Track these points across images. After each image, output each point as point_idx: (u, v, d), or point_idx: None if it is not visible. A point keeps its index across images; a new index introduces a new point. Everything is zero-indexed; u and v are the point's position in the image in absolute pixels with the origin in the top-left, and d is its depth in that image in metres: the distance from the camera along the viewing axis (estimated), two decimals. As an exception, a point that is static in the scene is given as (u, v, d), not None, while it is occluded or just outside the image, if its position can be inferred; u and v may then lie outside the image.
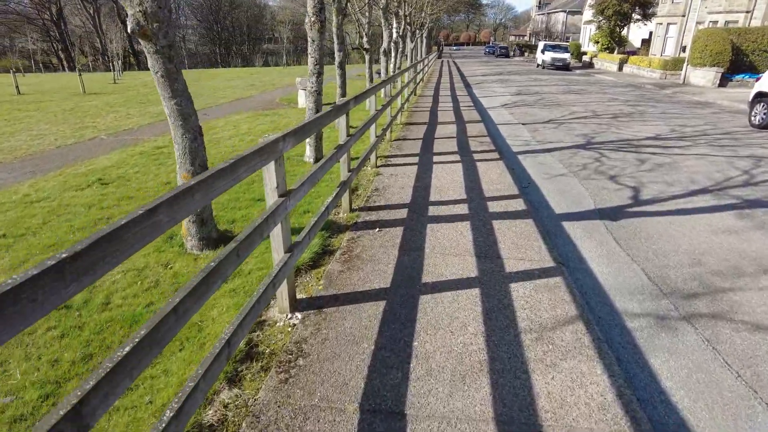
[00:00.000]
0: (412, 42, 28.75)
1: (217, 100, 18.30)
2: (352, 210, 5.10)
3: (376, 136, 6.85)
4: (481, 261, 3.96)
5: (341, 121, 4.65)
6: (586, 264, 4.16)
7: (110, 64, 42.30)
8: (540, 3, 74.91)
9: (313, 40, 6.67)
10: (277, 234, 2.86)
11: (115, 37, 45.55)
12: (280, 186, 2.81)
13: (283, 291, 3.04)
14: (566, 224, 5.08)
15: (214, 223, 4.23)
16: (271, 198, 2.80)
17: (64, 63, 62.74)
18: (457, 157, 7.70)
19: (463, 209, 5.23)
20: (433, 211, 5.17)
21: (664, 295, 3.65)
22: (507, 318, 3.14)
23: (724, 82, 20.88)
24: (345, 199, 4.99)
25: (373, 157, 6.90)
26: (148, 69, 3.35)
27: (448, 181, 6.33)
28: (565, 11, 60.44)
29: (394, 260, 3.94)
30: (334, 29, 9.56)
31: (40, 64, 56.82)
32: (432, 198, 5.60)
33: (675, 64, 25.04)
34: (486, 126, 10.83)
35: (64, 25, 66.08)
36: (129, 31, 3.30)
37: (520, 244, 4.33)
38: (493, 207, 5.33)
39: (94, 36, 65.74)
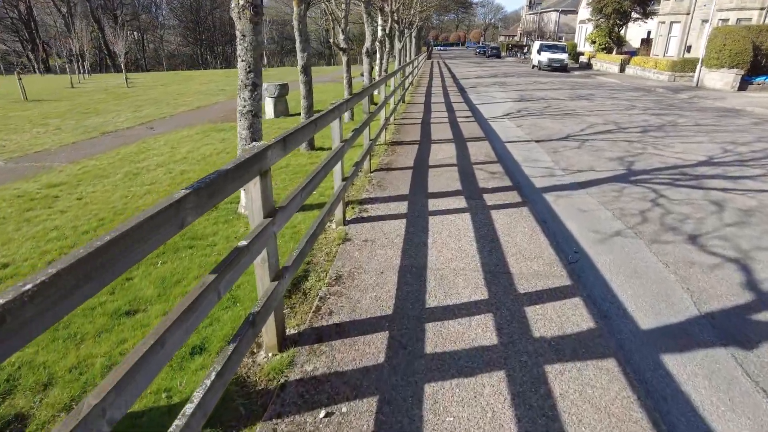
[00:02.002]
0: (400, 42, 26.49)
1: (175, 108, 15.85)
2: (283, 344, 2.78)
3: (343, 179, 4.55)
4: None
5: (252, 191, 2.34)
6: None
7: (78, 65, 39.51)
8: (531, 2, 73.23)
9: (244, 35, 4.36)
10: None
11: (88, 36, 42.73)
12: None
13: None
14: (671, 362, 2.82)
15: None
16: None
17: (34, 64, 59.35)
18: (463, 201, 5.43)
19: (486, 330, 2.95)
20: (433, 337, 2.88)
21: None
22: None
23: (743, 85, 18.95)
24: (270, 326, 2.68)
25: (338, 210, 4.60)
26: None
27: (454, 252, 4.06)
28: (557, 10, 58.74)
29: None
30: (295, 23, 7.29)
31: (0, 66, 53.54)
32: (430, 299, 3.32)
33: (685, 66, 23.11)
34: (492, 146, 8.59)
35: (34, 25, 62.72)
36: None
37: (619, 454, 2.06)
38: (538, 322, 3.06)
39: (67, 36, 62.34)
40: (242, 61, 4.43)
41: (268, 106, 12.83)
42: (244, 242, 2.13)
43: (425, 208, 5.20)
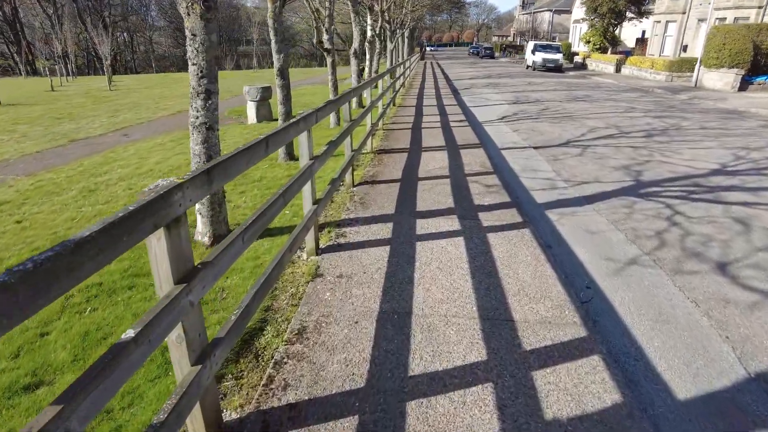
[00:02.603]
0: (392, 42, 25.85)
1: (155, 112, 15.11)
2: (218, 441, 2.10)
3: (315, 203, 3.88)
4: None
5: (155, 249, 1.67)
6: None
7: (63, 67, 38.64)
8: (524, 2, 72.89)
9: (194, 34, 3.68)
10: None
11: (73, 38, 41.89)
12: None
13: None
14: (728, 456, 2.17)
15: None
16: None
17: (21, 67, 58.12)
18: (455, 222, 4.77)
19: (484, 410, 2.29)
20: (416, 423, 2.21)
21: None
22: None
23: (744, 85, 18.46)
24: (196, 417, 2.00)
25: (310, 237, 3.92)
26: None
27: (445, 292, 3.40)
28: (551, 10, 58.40)
29: None
30: (270, 21, 6.63)
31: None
32: (415, 361, 2.65)
33: (682, 66, 22.64)
34: (488, 153, 7.95)
35: (20, 26, 61.47)
36: None
37: None
38: (550, 395, 2.40)
39: (53, 38, 61.07)
40: (193, 64, 3.75)
41: (251, 110, 12.13)
42: (130, 332, 1.45)
43: (412, 231, 4.53)
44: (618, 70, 29.17)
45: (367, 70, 16.82)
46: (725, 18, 23.74)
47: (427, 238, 4.39)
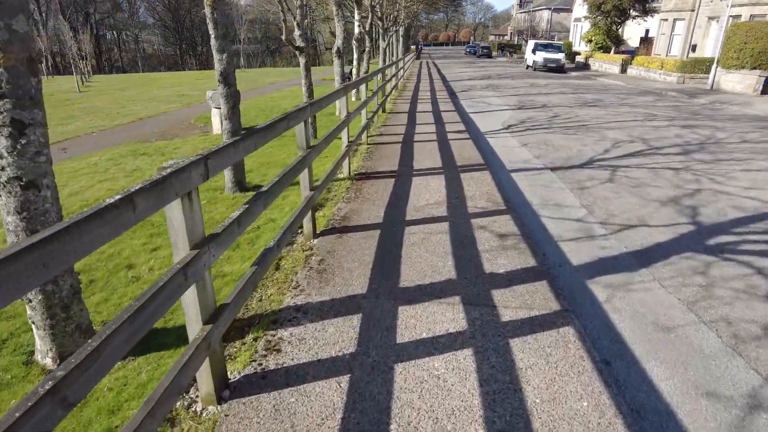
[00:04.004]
0: (384, 41, 24.17)
1: (113, 119, 13.37)
2: None
3: (207, 321, 2.20)
4: None
5: None
6: None
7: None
8: (521, 1, 71.41)
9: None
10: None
11: (47, 36, 40.14)
12: None
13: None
14: None
15: None
16: None
17: (1, 66, 55.78)
18: (458, 311, 3.11)
19: None
20: None
21: None
22: None
23: (766, 88, 16.92)
24: None
25: (206, 379, 2.25)
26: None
27: None
28: (549, 9, 56.93)
29: None
30: (207, 10, 4.98)
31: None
32: None
33: (695, 66, 21.10)
34: (495, 179, 6.29)
35: (1, 24, 59.13)
36: None
37: None
38: None
39: (37, 38, 58.61)
40: (-14, 73, 2.07)
41: (215, 118, 10.45)
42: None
43: (391, 336, 2.87)
44: (624, 70, 27.62)
45: (355, 71, 15.16)
46: (740, 15, 22.24)
47: (414, 352, 2.73)
